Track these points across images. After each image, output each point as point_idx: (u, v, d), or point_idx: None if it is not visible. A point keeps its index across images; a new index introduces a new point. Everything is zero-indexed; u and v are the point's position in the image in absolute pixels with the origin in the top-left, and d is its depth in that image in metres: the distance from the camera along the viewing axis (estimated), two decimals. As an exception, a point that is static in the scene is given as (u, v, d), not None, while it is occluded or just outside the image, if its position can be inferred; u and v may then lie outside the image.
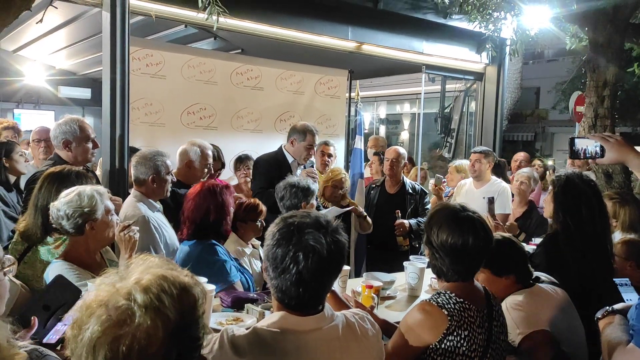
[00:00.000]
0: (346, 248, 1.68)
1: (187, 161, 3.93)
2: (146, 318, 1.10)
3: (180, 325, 1.14)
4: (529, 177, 4.96)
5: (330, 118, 6.63)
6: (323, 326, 1.63)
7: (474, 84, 7.32)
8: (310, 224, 1.60)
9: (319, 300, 1.65)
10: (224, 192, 3.10)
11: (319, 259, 1.56)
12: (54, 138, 3.44)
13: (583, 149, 2.25)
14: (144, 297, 1.12)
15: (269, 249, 1.61)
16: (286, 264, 1.56)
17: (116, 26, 4.04)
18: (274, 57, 6.14)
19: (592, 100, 4.54)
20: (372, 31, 5.67)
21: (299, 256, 1.55)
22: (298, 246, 1.56)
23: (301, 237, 1.57)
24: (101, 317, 1.09)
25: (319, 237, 1.58)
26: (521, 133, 22.16)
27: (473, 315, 2.01)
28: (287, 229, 1.60)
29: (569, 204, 2.93)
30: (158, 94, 5.33)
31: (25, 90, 10.97)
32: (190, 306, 1.18)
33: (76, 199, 2.38)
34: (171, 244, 3.28)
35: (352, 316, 1.77)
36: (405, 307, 3.07)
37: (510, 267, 2.52)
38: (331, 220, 1.67)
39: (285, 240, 1.58)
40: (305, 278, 1.56)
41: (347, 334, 1.68)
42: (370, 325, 1.78)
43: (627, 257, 3.22)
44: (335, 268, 1.65)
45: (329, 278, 1.65)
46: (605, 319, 2.00)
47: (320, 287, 1.63)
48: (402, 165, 4.94)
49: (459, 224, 2.04)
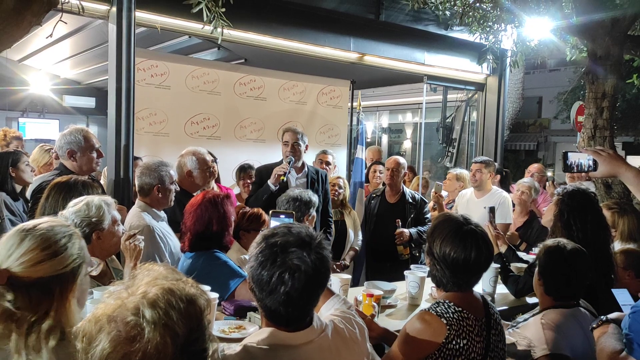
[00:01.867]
0: (330, 261, 1.67)
1: (187, 171, 3.94)
2: (155, 334, 1.12)
3: (189, 339, 1.17)
4: (530, 187, 5.00)
5: (332, 128, 6.69)
6: (314, 338, 1.63)
7: (475, 94, 7.35)
8: (293, 242, 1.58)
9: (307, 315, 1.65)
10: (225, 203, 3.08)
11: (306, 278, 1.54)
12: (59, 148, 3.49)
13: (576, 163, 2.30)
14: (152, 313, 1.14)
15: (253, 270, 1.59)
16: (273, 285, 1.53)
17: (122, 38, 4.09)
18: (276, 67, 6.20)
19: (591, 112, 4.57)
20: (374, 42, 5.71)
21: (284, 277, 1.53)
22: (283, 267, 1.54)
23: (285, 258, 1.55)
24: (111, 333, 1.12)
25: (303, 255, 1.56)
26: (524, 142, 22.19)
27: (472, 324, 2.04)
28: (271, 249, 1.57)
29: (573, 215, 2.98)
30: (162, 104, 5.40)
31: (30, 99, 11.04)
32: (197, 318, 1.21)
33: (84, 209, 2.42)
34: (176, 253, 3.31)
35: (340, 321, 1.78)
36: (405, 315, 3.10)
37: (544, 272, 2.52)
38: (314, 235, 1.65)
39: (269, 262, 1.55)
40: (293, 298, 1.54)
41: (337, 342, 1.69)
42: (356, 327, 1.81)
43: (625, 267, 3.25)
44: (322, 283, 1.64)
45: (317, 294, 1.64)
46: (599, 328, 2.02)
47: (308, 304, 1.63)
48: (402, 175, 4.98)
49: (462, 239, 2.06)
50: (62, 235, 1.53)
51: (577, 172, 2.34)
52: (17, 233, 1.50)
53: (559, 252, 2.49)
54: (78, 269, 1.54)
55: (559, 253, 2.49)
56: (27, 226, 1.53)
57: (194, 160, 3.93)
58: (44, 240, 1.49)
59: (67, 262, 1.50)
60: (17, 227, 1.54)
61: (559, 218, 3.04)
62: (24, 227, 1.53)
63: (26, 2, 2.20)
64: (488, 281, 3.41)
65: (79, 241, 1.58)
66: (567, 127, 16.94)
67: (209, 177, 4.05)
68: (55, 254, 1.48)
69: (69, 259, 1.51)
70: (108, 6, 4.10)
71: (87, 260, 1.60)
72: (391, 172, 4.89)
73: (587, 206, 3.01)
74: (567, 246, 2.52)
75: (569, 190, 3.08)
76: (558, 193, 3.14)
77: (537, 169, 6.40)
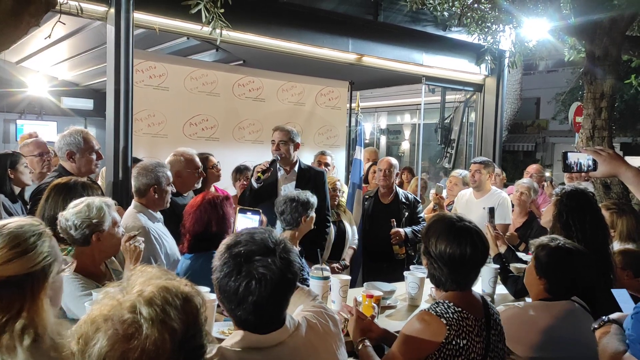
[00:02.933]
0: (298, 263, 1.66)
1: (176, 172, 3.88)
2: (154, 330, 1.12)
3: (186, 336, 1.17)
4: (529, 187, 5.01)
5: (331, 129, 6.69)
6: (285, 338, 1.61)
7: (474, 94, 7.37)
8: (256, 250, 1.55)
9: (278, 318, 1.63)
10: (224, 204, 3.08)
11: (273, 285, 1.52)
12: (59, 149, 3.49)
13: (576, 163, 2.30)
14: (149, 310, 1.14)
15: (219, 281, 1.56)
16: (240, 295, 1.52)
17: (120, 39, 4.10)
18: (275, 68, 6.20)
19: (589, 112, 4.58)
20: (372, 43, 5.73)
21: (251, 286, 1.51)
22: (249, 277, 1.51)
23: (250, 267, 1.52)
24: (108, 332, 1.11)
25: (269, 263, 1.53)
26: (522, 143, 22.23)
27: (471, 324, 2.04)
28: (235, 260, 1.54)
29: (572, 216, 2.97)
30: (161, 105, 5.40)
31: (28, 101, 11.05)
32: (193, 315, 1.21)
33: (85, 210, 2.41)
34: (172, 254, 3.30)
35: (313, 316, 1.78)
36: (405, 316, 3.09)
37: (548, 271, 2.52)
38: (278, 239, 1.63)
39: (235, 272, 1.53)
40: (262, 306, 1.53)
41: (311, 338, 1.69)
42: (329, 319, 1.81)
43: (624, 267, 3.25)
44: (290, 288, 1.62)
45: (286, 299, 1.62)
46: (601, 328, 2.02)
47: (278, 310, 1.61)
48: (394, 176, 4.98)
49: (457, 235, 2.07)
50: (32, 233, 1.50)
51: (577, 172, 2.33)
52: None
53: (563, 252, 2.49)
54: (49, 267, 1.51)
55: (563, 252, 2.49)
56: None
57: (181, 161, 3.92)
58: (12, 238, 1.46)
59: (37, 260, 1.47)
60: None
61: (557, 219, 3.04)
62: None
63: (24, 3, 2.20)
64: (487, 282, 3.41)
65: (49, 240, 1.55)
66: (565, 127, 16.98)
67: (198, 178, 4.03)
68: (24, 252, 1.45)
69: (39, 256, 1.48)
70: (106, 7, 4.10)
71: (58, 258, 1.56)
72: (384, 172, 4.90)
73: (585, 206, 3.01)
74: (568, 245, 2.52)
75: (568, 191, 3.08)
76: (556, 194, 3.14)
77: (536, 170, 6.41)
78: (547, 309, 2.46)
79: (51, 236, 1.58)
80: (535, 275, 2.56)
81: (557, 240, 2.57)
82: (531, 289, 2.63)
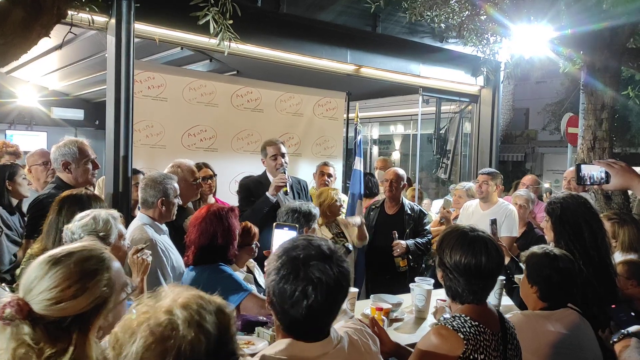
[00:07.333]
0: (350, 274, 1.68)
1: None
2: (190, 331, 1.13)
3: (220, 341, 1.17)
4: (527, 199, 5.02)
5: (328, 139, 6.69)
6: (330, 350, 1.62)
7: (469, 105, 7.41)
8: (314, 255, 1.58)
9: (326, 327, 1.65)
10: (229, 216, 3.05)
11: (328, 291, 1.55)
12: (54, 160, 3.44)
13: (589, 175, 2.30)
14: (185, 313, 1.15)
15: (274, 284, 1.58)
16: (296, 298, 1.54)
17: (121, 49, 4.07)
18: (270, 78, 6.20)
19: (590, 123, 4.59)
20: (370, 54, 5.75)
21: (307, 290, 1.53)
22: (306, 280, 1.54)
23: (307, 271, 1.55)
24: (144, 334, 1.11)
25: (326, 268, 1.56)
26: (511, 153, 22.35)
27: (488, 338, 2.02)
28: (292, 263, 1.57)
29: (569, 233, 2.91)
30: (159, 116, 5.37)
31: (18, 111, 10.92)
32: (226, 323, 1.21)
33: (91, 223, 2.38)
34: (178, 267, 3.26)
35: (354, 333, 1.78)
36: (413, 328, 3.08)
37: (537, 278, 2.53)
38: (334, 248, 1.66)
39: (292, 275, 1.55)
40: (315, 310, 1.55)
41: (352, 354, 1.69)
42: (369, 338, 1.81)
43: (628, 277, 3.27)
44: (343, 296, 1.64)
45: (337, 306, 1.64)
46: (621, 342, 2.02)
47: (329, 316, 1.64)
48: (401, 187, 4.96)
49: (471, 245, 2.06)
50: (90, 270, 1.44)
51: (590, 185, 2.34)
52: (43, 263, 1.43)
53: (550, 256, 2.54)
54: (103, 304, 1.46)
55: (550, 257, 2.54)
56: (55, 256, 1.45)
57: (180, 174, 3.88)
58: (67, 276, 1.40)
59: (89, 299, 1.42)
60: (45, 256, 1.45)
61: (558, 243, 2.95)
62: (51, 257, 1.44)
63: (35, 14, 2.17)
64: (493, 294, 3.40)
65: (108, 273, 1.48)
66: (555, 138, 17.12)
67: (197, 189, 4.01)
68: (76, 294, 1.40)
69: (92, 296, 1.43)
70: (107, 18, 4.07)
71: (117, 288, 1.50)
72: (390, 183, 4.87)
73: (580, 225, 2.91)
74: (555, 252, 2.57)
75: (558, 213, 2.97)
76: (549, 212, 3.03)
77: (531, 181, 6.44)
78: (548, 317, 2.46)
79: (112, 263, 1.52)
80: (527, 284, 2.58)
81: (544, 248, 2.62)
82: (527, 299, 2.63)
